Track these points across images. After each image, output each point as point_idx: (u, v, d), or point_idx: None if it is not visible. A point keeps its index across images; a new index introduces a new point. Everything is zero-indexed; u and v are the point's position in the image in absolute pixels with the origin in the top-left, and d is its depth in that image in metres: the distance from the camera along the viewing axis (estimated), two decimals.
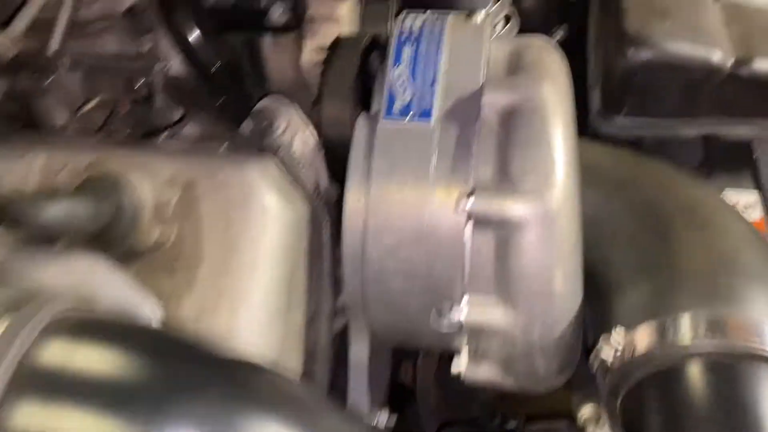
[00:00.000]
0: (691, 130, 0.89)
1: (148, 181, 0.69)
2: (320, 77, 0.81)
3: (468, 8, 0.79)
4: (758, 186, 0.92)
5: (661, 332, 0.60)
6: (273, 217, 0.71)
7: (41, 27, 0.83)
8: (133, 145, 0.78)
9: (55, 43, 0.82)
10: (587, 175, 0.73)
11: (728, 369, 0.57)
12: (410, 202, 0.70)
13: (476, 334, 0.72)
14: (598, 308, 0.71)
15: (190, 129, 0.85)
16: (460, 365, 0.75)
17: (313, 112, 0.82)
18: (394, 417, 0.86)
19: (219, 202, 0.70)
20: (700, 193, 0.72)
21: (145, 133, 0.84)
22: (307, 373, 0.77)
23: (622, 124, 0.89)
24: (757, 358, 0.57)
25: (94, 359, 0.49)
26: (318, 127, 0.81)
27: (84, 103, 0.86)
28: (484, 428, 1.31)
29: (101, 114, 0.87)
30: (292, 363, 0.74)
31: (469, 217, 0.68)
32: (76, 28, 0.85)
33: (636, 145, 0.98)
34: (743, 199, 0.91)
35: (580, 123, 0.75)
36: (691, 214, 0.68)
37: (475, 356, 0.75)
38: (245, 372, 0.55)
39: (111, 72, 0.85)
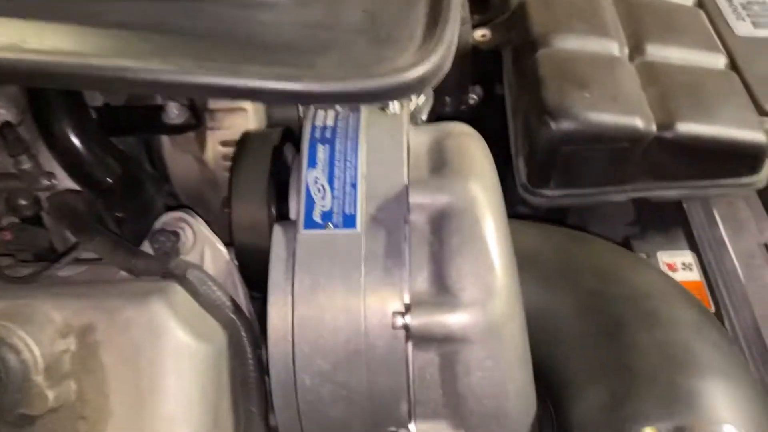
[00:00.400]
0: (620, 196, 0.87)
1: (36, 338, 0.59)
2: (229, 178, 0.74)
3: None
4: (692, 247, 0.91)
5: None
6: (187, 356, 0.63)
7: None
8: (14, 289, 0.68)
9: None
10: (525, 265, 0.68)
11: None
12: (342, 320, 0.63)
13: None
14: (555, 410, 0.66)
15: (85, 254, 0.75)
16: None
17: (223, 214, 0.74)
18: None
19: (123, 347, 0.62)
20: (646, 278, 0.69)
21: (38, 260, 0.73)
22: None
23: (551, 195, 0.86)
24: None
25: None
26: (229, 231, 0.73)
27: None
28: None
29: None
30: None
31: (408, 335, 0.62)
32: None
33: (563, 210, 0.96)
34: (680, 259, 0.90)
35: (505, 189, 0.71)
36: (641, 305, 0.65)
37: None
38: None
39: None
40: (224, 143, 0.84)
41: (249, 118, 0.84)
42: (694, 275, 0.88)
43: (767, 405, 0.59)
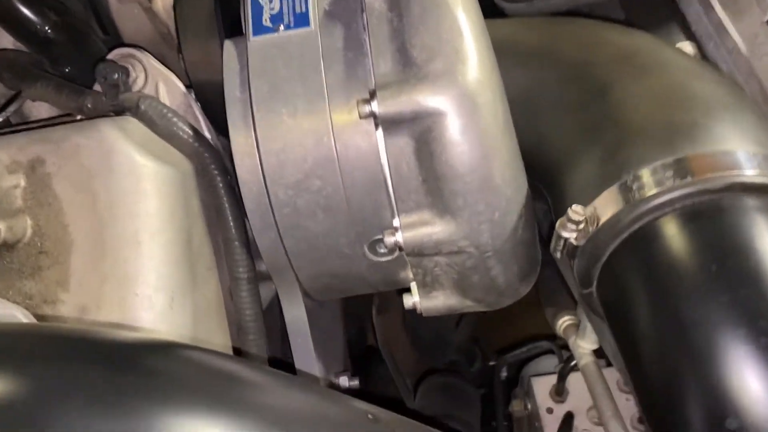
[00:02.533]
0: None
1: None
2: (174, 17, 0.68)
3: None
4: (690, 36, 0.84)
5: (623, 193, 0.50)
6: (146, 177, 0.59)
7: None
8: None
9: None
10: (503, 52, 0.62)
11: (708, 210, 0.48)
12: (306, 124, 0.59)
13: (418, 256, 0.62)
14: (548, 194, 0.61)
15: (37, 109, 0.71)
16: (413, 298, 0.66)
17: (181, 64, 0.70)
18: (356, 379, 0.75)
19: (75, 174, 0.58)
20: (632, 38, 0.63)
21: None
22: (241, 346, 0.65)
23: None
24: (734, 187, 0.48)
25: None
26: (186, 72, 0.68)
27: None
28: (464, 372, 1.23)
29: None
30: (216, 339, 0.62)
31: (377, 122, 0.57)
32: None
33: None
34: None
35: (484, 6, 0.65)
36: (627, 62, 0.59)
37: (426, 285, 0.66)
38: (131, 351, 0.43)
39: None
40: None
41: None
42: None
43: None
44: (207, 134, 0.68)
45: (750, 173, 0.48)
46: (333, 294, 0.71)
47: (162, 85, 0.68)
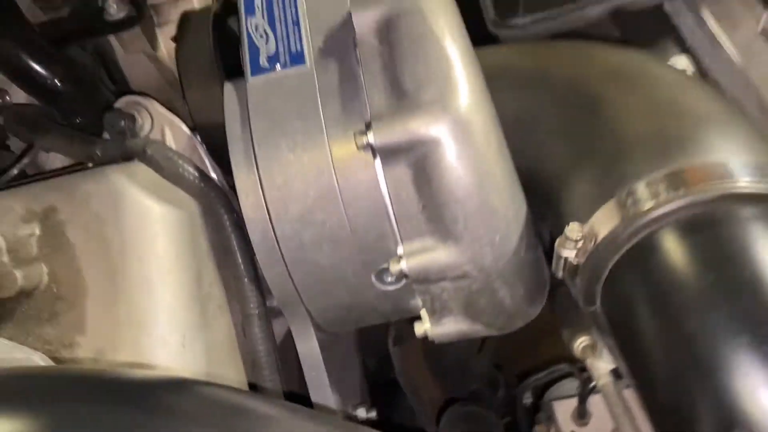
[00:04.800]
0: (596, 9, 0.81)
1: None
2: (176, 61, 0.71)
3: None
4: (685, 49, 0.85)
5: (619, 208, 0.51)
6: (154, 220, 0.61)
7: None
8: None
9: None
10: (497, 77, 0.64)
11: (703, 221, 0.48)
12: (307, 158, 0.60)
13: (426, 285, 0.63)
14: (546, 214, 0.62)
15: (52, 160, 0.74)
16: (423, 325, 0.66)
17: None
18: (374, 411, 0.75)
19: (86, 220, 0.60)
20: (621, 56, 0.64)
21: None
22: (257, 382, 0.66)
23: (523, 23, 0.81)
24: (730, 198, 0.48)
25: None
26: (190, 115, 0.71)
27: None
28: (487, 400, 1.22)
29: None
30: (231, 375, 0.63)
31: (374, 152, 0.58)
32: None
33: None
34: (673, 64, 0.84)
35: (479, 35, 0.66)
36: (618, 78, 0.60)
37: (435, 311, 0.66)
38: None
39: None
40: (176, 38, 0.81)
41: (194, 7, 0.82)
42: None
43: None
44: (213, 175, 0.70)
45: (742, 183, 0.48)
46: (345, 325, 0.72)
47: (167, 129, 0.70)
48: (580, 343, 0.84)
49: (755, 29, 0.83)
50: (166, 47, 0.82)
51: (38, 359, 0.54)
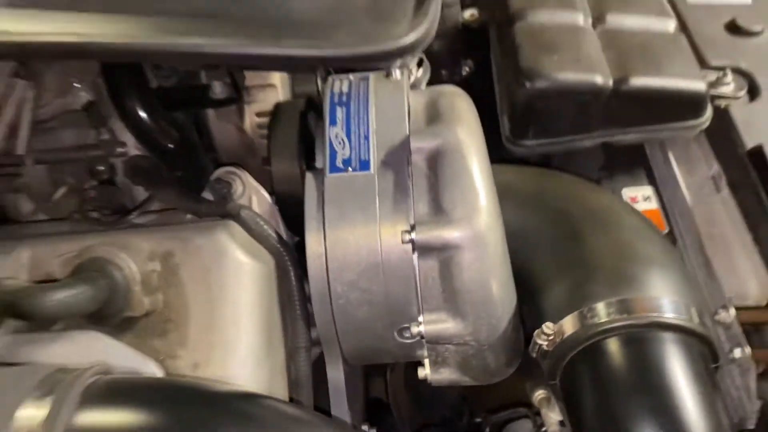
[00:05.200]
0: (588, 142, 1.04)
1: (133, 259, 0.78)
2: (267, 140, 0.92)
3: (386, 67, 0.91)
4: (651, 182, 1.08)
5: (582, 319, 0.74)
6: (246, 273, 0.81)
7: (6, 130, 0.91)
8: (111, 229, 0.88)
9: (21, 143, 0.90)
10: (505, 194, 0.86)
11: (637, 339, 0.71)
12: (362, 241, 0.81)
13: (434, 343, 0.84)
14: (530, 306, 0.84)
15: (156, 204, 0.94)
16: (425, 370, 0.88)
17: (263, 172, 0.93)
18: (374, 429, 0.97)
19: (196, 267, 0.80)
20: (599, 198, 0.87)
21: (115, 213, 0.93)
22: (294, 400, 0.87)
23: (530, 145, 1.04)
24: (657, 326, 0.71)
25: (125, 415, 0.59)
26: (270, 184, 0.92)
27: (52, 193, 0.94)
28: (454, 427, 1.44)
29: (68, 201, 0.96)
30: (280, 393, 0.84)
31: (413, 247, 0.80)
32: (37, 125, 0.93)
33: (547, 159, 1.14)
34: (641, 192, 1.07)
35: (496, 146, 0.89)
36: (594, 217, 0.83)
37: (436, 362, 0.87)
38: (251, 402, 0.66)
39: (74, 162, 0.94)
40: (259, 114, 1.03)
41: (278, 92, 1.03)
42: (652, 205, 1.06)
43: (695, 287, 0.77)
44: (284, 235, 0.91)
45: (668, 316, 0.72)
46: (365, 361, 0.93)
47: (254, 196, 0.91)
48: (539, 395, 1.07)
49: (707, 174, 1.07)
50: (250, 121, 1.03)
51: (157, 370, 0.75)
